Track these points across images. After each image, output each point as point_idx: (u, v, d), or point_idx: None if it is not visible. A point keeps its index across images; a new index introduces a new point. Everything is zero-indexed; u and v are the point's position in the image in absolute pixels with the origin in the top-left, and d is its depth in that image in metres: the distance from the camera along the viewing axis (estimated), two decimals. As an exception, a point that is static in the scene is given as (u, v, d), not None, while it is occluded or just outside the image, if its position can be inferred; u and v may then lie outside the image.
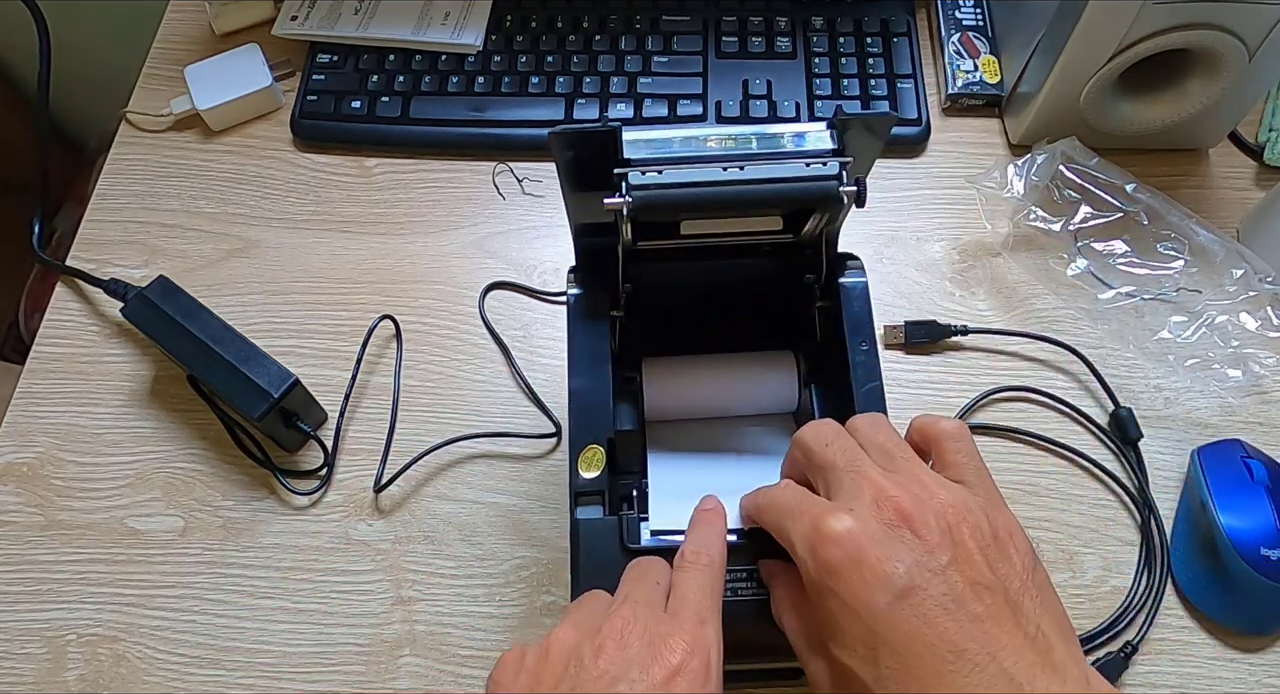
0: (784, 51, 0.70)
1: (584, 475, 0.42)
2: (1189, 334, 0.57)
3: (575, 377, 0.43)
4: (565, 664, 0.34)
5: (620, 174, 0.38)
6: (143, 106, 0.70)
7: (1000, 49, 0.69)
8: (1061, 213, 0.60)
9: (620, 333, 0.46)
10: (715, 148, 0.39)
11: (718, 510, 0.40)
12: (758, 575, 0.40)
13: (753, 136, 0.39)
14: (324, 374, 0.60)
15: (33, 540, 0.56)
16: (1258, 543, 0.51)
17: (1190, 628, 0.53)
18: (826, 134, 0.39)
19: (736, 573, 0.40)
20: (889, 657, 0.31)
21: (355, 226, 0.66)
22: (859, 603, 0.32)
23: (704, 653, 0.34)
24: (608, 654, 0.33)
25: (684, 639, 0.34)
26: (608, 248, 0.42)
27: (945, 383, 0.59)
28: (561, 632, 0.35)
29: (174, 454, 0.59)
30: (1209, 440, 0.56)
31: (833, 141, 0.39)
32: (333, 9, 0.71)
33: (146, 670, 0.53)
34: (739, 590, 0.39)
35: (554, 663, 0.34)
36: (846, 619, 0.32)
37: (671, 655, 0.33)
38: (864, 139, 0.39)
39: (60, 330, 0.63)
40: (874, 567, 0.32)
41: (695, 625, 0.35)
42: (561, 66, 0.69)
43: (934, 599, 0.31)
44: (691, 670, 0.33)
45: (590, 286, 0.45)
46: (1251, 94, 0.61)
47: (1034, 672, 0.30)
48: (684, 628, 0.34)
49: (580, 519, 0.41)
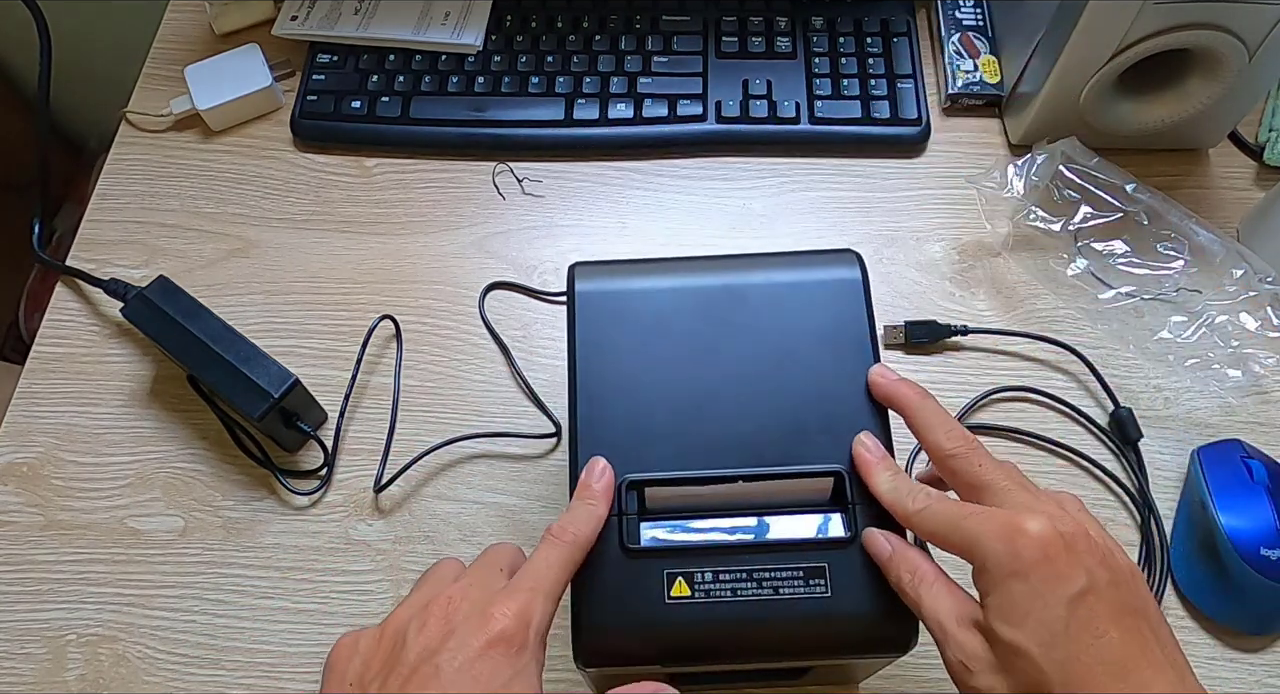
0: (784, 51, 0.70)
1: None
2: (1189, 334, 0.57)
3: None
4: (393, 643, 0.35)
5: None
6: (143, 106, 0.70)
7: (1000, 49, 0.69)
8: (1061, 213, 0.60)
9: None
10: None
11: (605, 493, 0.40)
12: (759, 575, 0.40)
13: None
14: (324, 374, 0.60)
15: (33, 540, 0.56)
16: (1258, 543, 0.51)
17: (1190, 628, 0.53)
18: (840, 520, 0.40)
19: (737, 573, 0.39)
20: (1063, 646, 0.33)
21: (355, 226, 0.66)
22: (1048, 591, 0.34)
23: (526, 619, 0.35)
24: (429, 629, 0.35)
25: (509, 607, 0.35)
26: None
27: (946, 383, 0.59)
28: (396, 611, 0.36)
29: (174, 454, 0.59)
30: (1209, 440, 0.56)
31: (844, 529, 0.40)
32: (333, 9, 0.71)
33: (146, 670, 0.53)
34: (739, 590, 0.39)
35: (384, 643, 0.35)
36: (1034, 603, 0.34)
37: (493, 624, 0.34)
38: None
39: (60, 330, 0.63)
40: (1061, 566, 0.34)
41: (526, 593, 0.35)
42: (561, 66, 0.69)
43: (1104, 605, 0.34)
44: (510, 637, 0.34)
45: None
46: (1251, 94, 0.61)
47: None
48: (513, 597, 0.35)
49: None
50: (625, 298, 0.45)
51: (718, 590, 0.39)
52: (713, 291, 0.45)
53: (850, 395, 0.42)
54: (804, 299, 0.44)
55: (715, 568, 0.39)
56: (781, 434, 0.42)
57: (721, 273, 0.46)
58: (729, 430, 0.42)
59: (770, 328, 0.44)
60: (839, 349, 0.43)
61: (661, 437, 0.42)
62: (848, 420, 0.42)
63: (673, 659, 0.39)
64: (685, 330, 0.44)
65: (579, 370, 0.43)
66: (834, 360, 0.43)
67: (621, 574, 0.39)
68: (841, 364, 0.43)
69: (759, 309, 0.44)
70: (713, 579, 0.39)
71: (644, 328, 0.44)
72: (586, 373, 0.43)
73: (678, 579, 0.39)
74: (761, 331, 0.44)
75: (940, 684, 0.51)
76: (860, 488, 0.40)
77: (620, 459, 0.41)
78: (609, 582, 0.39)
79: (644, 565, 0.40)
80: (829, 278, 0.45)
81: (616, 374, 0.43)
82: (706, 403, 0.42)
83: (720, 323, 0.44)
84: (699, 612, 0.39)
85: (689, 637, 0.39)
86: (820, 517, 0.41)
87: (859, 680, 0.52)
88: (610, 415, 0.42)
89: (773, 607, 0.39)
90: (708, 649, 0.39)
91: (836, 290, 0.44)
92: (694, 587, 0.39)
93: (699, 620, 0.39)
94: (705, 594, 0.39)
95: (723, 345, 0.43)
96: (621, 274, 0.46)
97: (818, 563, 0.39)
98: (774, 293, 0.45)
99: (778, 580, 0.39)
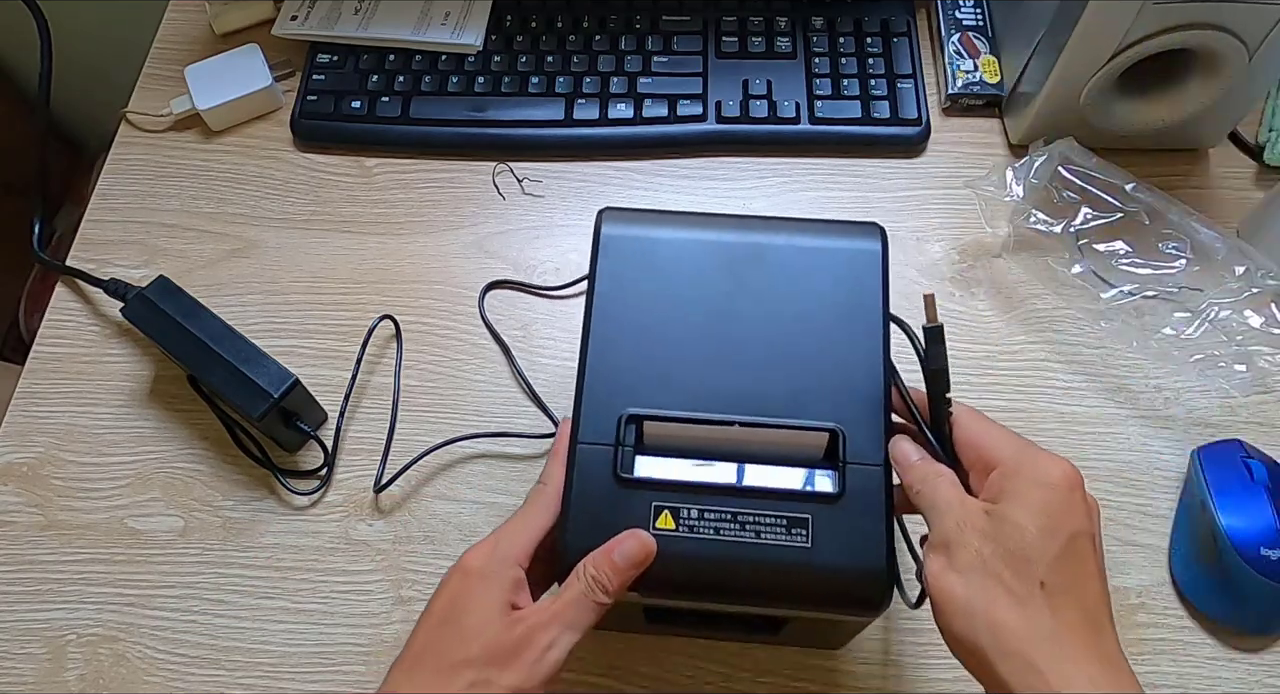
0: (784, 51, 0.70)
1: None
2: (1192, 331, 0.57)
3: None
4: None
5: None
6: (143, 106, 0.70)
7: (1000, 49, 0.69)
8: (1062, 215, 0.60)
9: None
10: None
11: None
12: (743, 518, 0.40)
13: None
14: (324, 374, 0.60)
15: (33, 540, 0.56)
16: (1258, 543, 0.51)
17: (1190, 628, 0.53)
18: (829, 477, 0.41)
19: (722, 514, 0.40)
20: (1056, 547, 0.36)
21: (355, 226, 0.66)
22: (1061, 509, 0.36)
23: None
24: None
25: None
26: None
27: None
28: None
29: (174, 454, 0.59)
30: (1209, 440, 0.56)
31: (833, 486, 0.41)
32: (333, 9, 0.71)
33: (146, 670, 0.53)
34: (722, 530, 0.40)
35: None
36: (1048, 507, 0.36)
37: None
38: None
39: (60, 330, 0.63)
40: (1078, 498, 0.37)
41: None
42: (561, 66, 0.69)
43: (1093, 554, 0.37)
44: None
45: None
46: (1251, 94, 0.61)
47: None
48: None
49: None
50: (648, 245, 0.46)
51: (701, 527, 0.40)
52: (735, 248, 0.46)
53: (856, 361, 0.43)
54: (823, 265, 0.45)
55: (701, 506, 0.41)
56: (784, 390, 0.43)
57: (746, 231, 0.47)
58: (733, 381, 0.43)
59: (787, 289, 0.45)
60: (851, 317, 0.44)
61: (667, 379, 0.43)
62: (850, 384, 0.43)
63: (650, 588, 0.41)
64: (703, 282, 0.45)
65: (595, 311, 0.44)
66: (845, 326, 0.44)
67: (611, 502, 0.41)
68: (851, 331, 0.44)
69: (778, 270, 0.45)
70: (698, 516, 0.41)
71: (663, 276, 0.45)
72: (602, 313, 0.44)
73: (664, 512, 0.41)
74: (778, 291, 0.45)
75: (939, 684, 0.51)
76: (853, 449, 0.41)
77: (624, 395, 0.42)
78: (598, 508, 0.41)
79: (633, 496, 0.41)
80: (850, 247, 0.46)
81: (631, 317, 0.44)
82: (715, 353, 0.44)
83: (738, 279, 0.45)
84: (680, 545, 0.40)
85: (668, 568, 0.40)
86: (810, 471, 0.42)
87: (836, 646, 0.52)
88: (620, 355, 0.43)
89: (752, 550, 0.40)
90: (685, 583, 0.41)
91: (855, 260, 0.45)
92: (679, 521, 0.40)
93: (680, 554, 0.40)
94: (689, 530, 0.40)
95: (738, 300, 0.44)
96: (648, 222, 0.47)
97: (801, 514, 0.40)
98: (795, 255, 0.46)
99: (760, 525, 0.40)
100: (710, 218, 0.48)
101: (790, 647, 0.52)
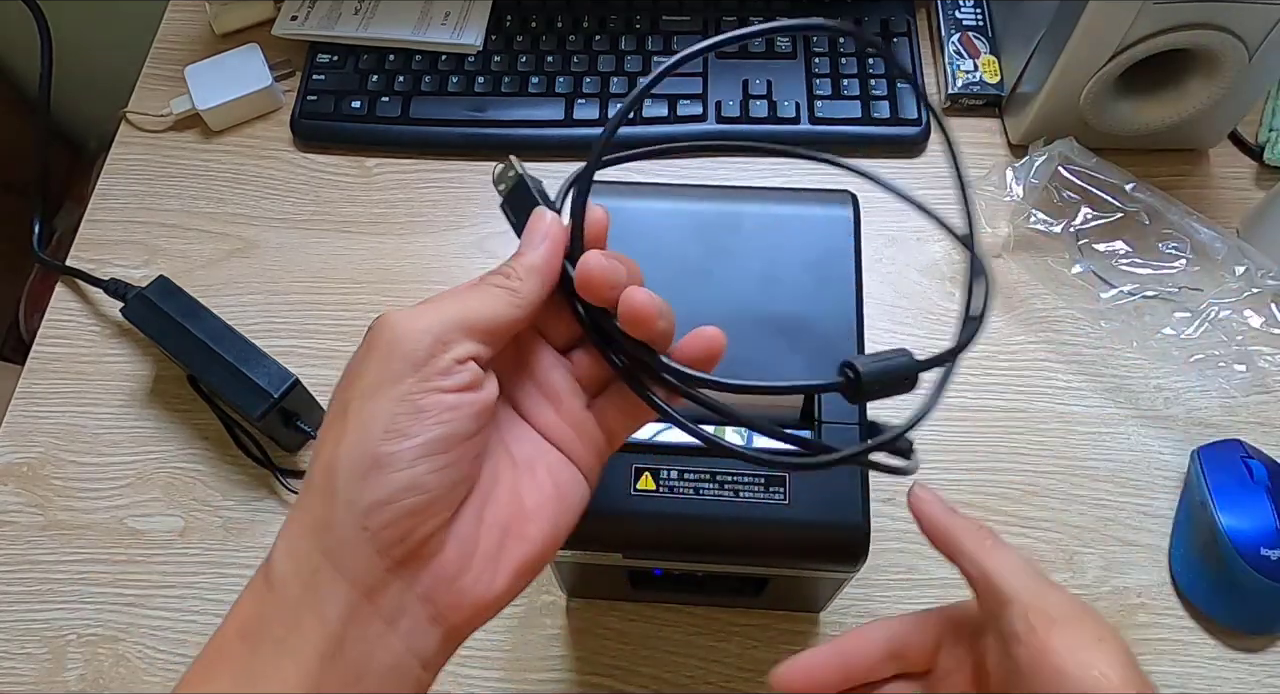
0: (784, 51, 0.70)
1: None
2: (1192, 331, 0.57)
3: None
4: None
5: None
6: (143, 106, 0.70)
7: (1000, 49, 0.69)
8: (1062, 215, 0.60)
9: None
10: None
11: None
12: (721, 478, 0.41)
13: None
14: (324, 374, 0.60)
15: (33, 540, 0.56)
16: (1258, 543, 0.51)
17: (1190, 628, 0.53)
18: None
19: (701, 474, 0.41)
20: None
21: (355, 226, 0.66)
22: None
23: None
24: None
25: None
26: None
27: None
28: None
29: (174, 454, 0.59)
30: (1209, 440, 0.56)
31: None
32: (333, 9, 0.71)
33: (146, 670, 0.53)
34: (701, 489, 0.41)
35: None
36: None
37: None
38: None
39: (60, 330, 0.63)
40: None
41: None
42: (561, 66, 0.69)
43: None
44: None
45: None
46: (1251, 94, 0.61)
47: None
48: None
49: None
50: (622, 215, 0.46)
51: (681, 487, 0.41)
52: (709, 216, 0.47)
53: (829, 324, 0.44)
54: (796, 231, 0.46)
55: (681, 467, 0.41)
56: (760, 353, 0.43)
57: (720, 201, 0.48)
58: None
59: (760, 255, 0.45)
60: (824, 280, 0.45)
61: None
62: (825, 346, 0.44)
63: (632, 549, 0.41)
64: (677, 250, 0.46)
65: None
66: (818, 290, 0.45)
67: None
68: (824, 294, 0.45)
69: (751, 236, 0.46)
70: (677, 477, 0.41)
71: (637, 245, 0.45)
72: None
73: (644, 474, 0.41)
74: (751, 257, 0.45)
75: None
76: (829, 408, 0.42)
77: None
78: None
79: (614, 458, 0.41)
80: (822, 213, 0.47)
81: None
82: (691, 318, 0.44)
83: (713, 246, 0.46)
84: (661, 505, 0.41)
85: (649, 529, 0.41)
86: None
87: (819, 608, 0.53)
88: None
89: (732, 508, 0.41)
90: (665, 542, 0.41)
91: (828, 226, 0.46)
92: (659, 482, 0.41)
93: (660, 514, 0.41)
94: (669, 491, 0.41)
95: (714, 267, 0.45)
96: (622, 194, 0.48)
97: (778, 472, 0.41)
98: (768, 222, 0.46)
99: (739, 484, 0.41)
100: (682, 188, 0.49)
101: (776, 611, 0.53)
